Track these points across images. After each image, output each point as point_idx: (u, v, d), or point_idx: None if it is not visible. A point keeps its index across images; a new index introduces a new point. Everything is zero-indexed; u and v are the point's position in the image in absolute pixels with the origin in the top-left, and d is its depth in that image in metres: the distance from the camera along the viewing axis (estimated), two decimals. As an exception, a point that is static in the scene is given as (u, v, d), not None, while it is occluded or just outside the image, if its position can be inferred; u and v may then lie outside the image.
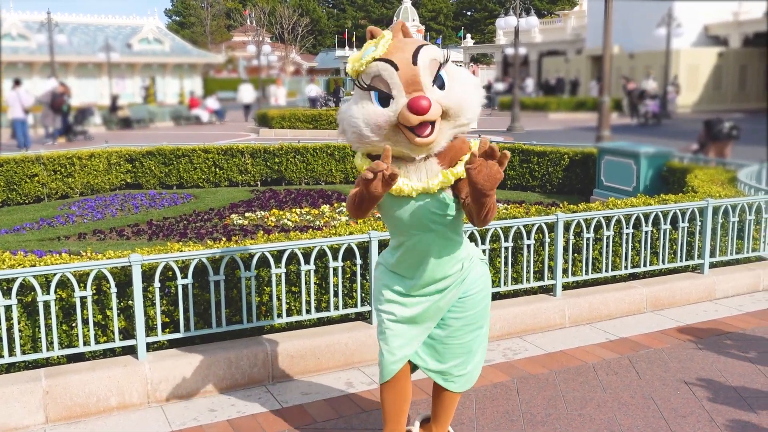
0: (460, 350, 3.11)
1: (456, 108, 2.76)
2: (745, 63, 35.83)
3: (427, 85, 2.75)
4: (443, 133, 2.79)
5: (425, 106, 2.64)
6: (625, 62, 37.28)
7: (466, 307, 3.09)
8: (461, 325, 3.09)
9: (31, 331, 3.94)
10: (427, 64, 2.76)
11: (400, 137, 2.76)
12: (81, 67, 41.73)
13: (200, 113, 31.50)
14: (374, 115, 2.74)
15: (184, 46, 47.89)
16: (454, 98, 2.76)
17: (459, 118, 2.79)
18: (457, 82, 2.80)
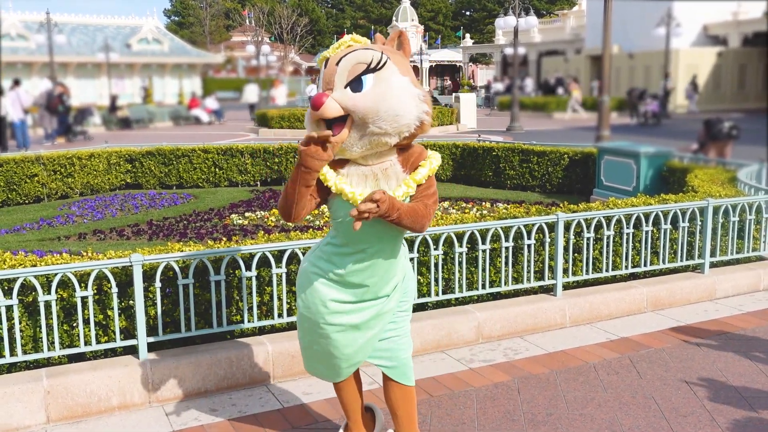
0: (406, 341, 3.14)
1: (360, 113, 2.71)
2: (745, 62, 35.87)
3: (338, 85, 2.76)
4: (353, 137, 2.76)
5: (320, 102, 2.69)
6: (624, 62, 37.31)
7: (407, 299, 3.15)
8: (405, 316, 3.15)
9: (32, 331, 3.94)
10: (349, 67, 2.76)
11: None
12: (80, 68, 41.72)
13: (200, 114, 31.50)
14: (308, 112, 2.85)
15: (183, 47, 47.89)
16: (360, 103, 2.71)
17: (366, 124, 2.72)
18: (383, 90, 2.73)
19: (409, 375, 3.14)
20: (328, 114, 2.71)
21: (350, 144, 2.77)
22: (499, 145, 11.81)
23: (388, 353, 3.10)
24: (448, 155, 12.29)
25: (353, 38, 2.89)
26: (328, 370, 3.14)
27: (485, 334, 4.96)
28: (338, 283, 2.97)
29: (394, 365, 3.11)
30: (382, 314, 3.04)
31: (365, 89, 2.73)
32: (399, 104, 2.73)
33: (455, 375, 4.40)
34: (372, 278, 2.96)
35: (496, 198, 10.31)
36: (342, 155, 2.83)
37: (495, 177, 11.48)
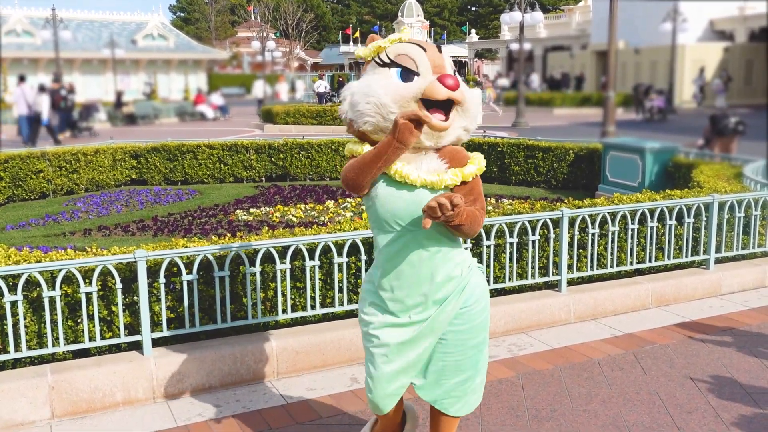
0: (459, 369, 2.86)
1: (470, 103, 2.73)
2: (751, 58, 35.70)
3: (450, 71, 2.77)
4: (455, 124, 2.72)
5: (455, 84, 2.62)
6: (630, 57, 37.19)
7: (466, 320, 2.83)
8: (462, 340, 2.84)
9: (36, 326, 3.95)
10: (449, 59, 2.82)
11: None
12: (86, 64, 41.79)
13: (205, 110, 31.53)
14: (399, 86, 2.68)
15: (189, 42, 47.93)
16: (468, 94, 2.75)
17: (468, 115, 2.75)
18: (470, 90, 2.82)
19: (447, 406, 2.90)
20: (459, 97, 2.65)
21: (448, 132, 2.72)
22: (504, 140, 11.79)
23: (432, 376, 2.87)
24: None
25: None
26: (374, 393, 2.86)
27: (490, 330, 4.94)
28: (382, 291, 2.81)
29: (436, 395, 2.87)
30: (434, 325, 2.80)
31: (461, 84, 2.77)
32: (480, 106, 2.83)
33: (459, 371, 4.39)
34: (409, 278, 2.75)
35: (501, 194, 10.30)
36: (435, 142, 2.72)
37: (500, 173, 11.47)
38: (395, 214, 2.71)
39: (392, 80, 2.71)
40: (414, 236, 2.72)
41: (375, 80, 2.73)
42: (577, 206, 5.49)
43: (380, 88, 2.68)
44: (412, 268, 2.75)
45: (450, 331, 2.83)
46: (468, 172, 2.74)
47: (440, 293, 2.78)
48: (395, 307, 2.80)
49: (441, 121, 2.65)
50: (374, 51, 2.80)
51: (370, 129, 2.73)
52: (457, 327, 2.83)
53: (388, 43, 2.80)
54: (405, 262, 2.74)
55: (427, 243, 2.73)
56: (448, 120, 2.67)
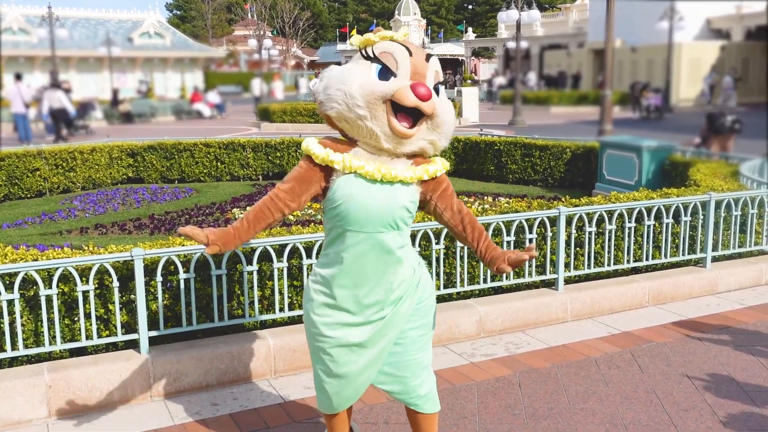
0: (420, 365, 2.88)
1: (441, 118, 2.73)
2: (748, 56, 35.75)
3: (430, 82, 2.75)
4: (420, 135, 2.72)
5: (426, 93, 2.62)
6: (627, 56, 37.21)
7: (420, 316, 2.88)
8: (419, 336, 2.87)
9: (33, 325, 3.95)
10: (436, 69, 2.80)
11: (381, 116, 2.67)
12: (82, 62, 41.71)
13: (202, 108, 31.50)
14: (372, 82, 2.68)
15: (185, 41, 47.86)
16: (444, 109, 2.75)
17: (438, 130, 2.74)
18: (449, 105, 2.82)
19: (418, 403, 2.89)
20: (427, 109, 2.65)
21: (411, 141, 2.72)
22: (501, 139, 11.79)
23: (396, 377, 2.87)
24: (450, 149, 12.27)
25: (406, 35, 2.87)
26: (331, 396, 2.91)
27: (487, 328, 4.95)
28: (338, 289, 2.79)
29: (400, 390, 2.88)
30: (390, 325, 2.81)
31: (441, 98, 2.77)
32: (453, 124, 2.85)
33: (457, 369, 4.40)
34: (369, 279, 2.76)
35: (498, 192, 10.30)
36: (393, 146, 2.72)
37: (497, 171, 11.47)
38: (371, 217, 2.71)
39: (370, 75, 2.71)
40: (382, 237, 2.74)
41: (353, 70, 2.74)
42: (575, 204, 5.50)
43: (354, 80, 2.69)
44: (375, 268, 2.76)
45: (408, 329, 2.86)
46: (432, 169, 2.81)
47: (396, 293, 2.81)
48: (352, 306, 2.79)
49: (404, 128, 2.67)
50: (363, 42, 2.81)
51: (335, 115, 2.75)
52: (413, 324, 2.87)
53: (377, 38, 2.80)
54: (370, 262, 2.75)
55: (391, 244, 2.76)
56: (413, 128, 2.69)
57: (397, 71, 2.71)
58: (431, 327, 2.95)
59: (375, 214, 2.71)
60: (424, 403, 2.91)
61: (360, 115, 2.68)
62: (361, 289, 2.78)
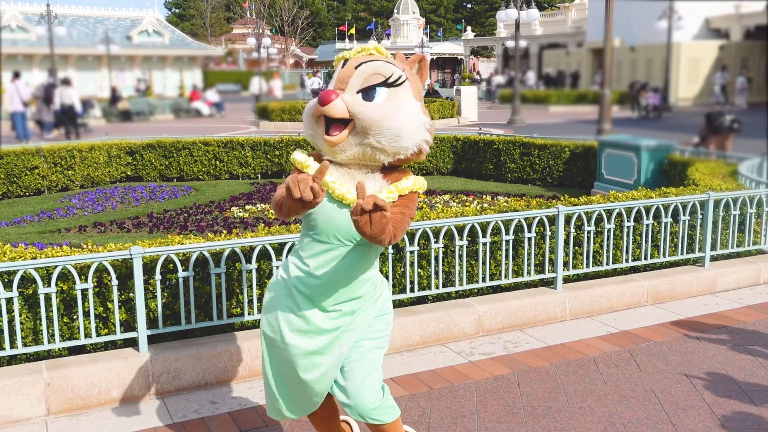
0: (366, 377, 2.81)
1: (365, 121, 2.65)
2: (746, 56, 35.77)
3: (351, 88, 2.71)
4: (349, 142, 2.69)
5: (328, 99, 2.62)
6: (626, 55, 37.22)
7: (380, 328, 2.89)
8: (373, 347, 2.86)
9: (32, 323, 3.94)
10: (366, 74, 2.72)
11: (320, 130, 2.73)
12: (80, 60, 41.66)
13: (201, 106, 31.49)
14: (311, 103, 2.77)
15: (184, 39, 47.82)
16: (367, 112, 2.66)
17: (367, 135, 2.67)
18: (393, 107, 2.70)
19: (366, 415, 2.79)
20: (333, 112, 2.63)
21: (343, 148, 2.70)
22: (500, 138, 11.79)
23: (345, 389, 2.82)
24: (449, 148, 12.27)
25: (377, 48, 2.84)
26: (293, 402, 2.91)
27: (485, 327, 4.96)
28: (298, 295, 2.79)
29: (348, 402, 2.81)
30: (344, 334, 2.81)
31: (376, 100, 2.70)
32: (403, 126, 2.68)
33: (455, 368, 4.40)
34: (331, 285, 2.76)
35: (497, 191, 10.30)
36: (332, 157, 2.75)
37: (496, 170, 11.47)
38: (337, 229, 2.73)
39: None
40: (346, 249, 2.75)
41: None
42: (573, 203, 5.50)
43: (308, 107, 2.79)
44: (340, 277, 2.76)
45: (365, 339, 2.85)
46: (402, 186, 2.74)
47: (355, 305, 2.82)
48: (310, 312, 2.78)
49: (329, 137, 2.67)
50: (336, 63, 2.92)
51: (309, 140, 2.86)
52: (371, 335, 2.87)
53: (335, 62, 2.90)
54: (332, 273, 2.76)
55: (358, 257, 2.77)
56: (338, 135, 2.67)
57: (329, 85, 2.80)
58: (386, 342, 2.93)
59: (340, 227, 2.72)
60: (377, 415, 2.82)
61: (311, 134, 2.78)
62: (321, 297, 2.78)
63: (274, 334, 2.83)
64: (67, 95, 21.19)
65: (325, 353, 2.80)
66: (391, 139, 2.68)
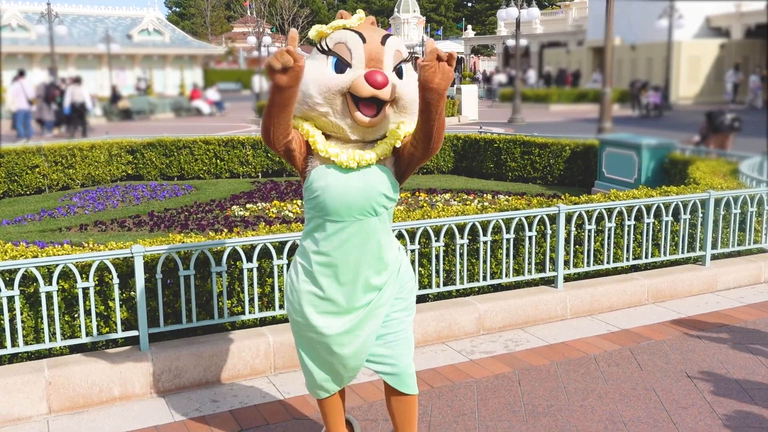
0: (408, 346, 2.93)
1: (407, 100, 2.69)
2: (747, 54, 35.73)
3: (388, 66, 2.69)
4: (387, 121, 2.71)
5: (381, 81, 2.58)
6: (626, 54, 37.20)
7: (406, 297, 2.95)
8: (404, 317, 2.93)
9: (33, 321, 3.95)
10: (393, 50, 2.72)
11: (343, 109, 2.67)
12: (81, 59, 41.65)
13: (201, 105, 31.48)
14: (327, 78, 2.67)
15: (184, 38, 47.80)
16: (409, 91, 2.70)
17: (405, 112, 2.71)
18: (413, 82, 2.72)
19: (410, 383, 2.93)
20: (385, 95, 2.61)
21: (378, 128, 2.70)
22: (500, 136, 11.79)
23: (388, 359, 2.90)
24: (449, 147, 12.27)
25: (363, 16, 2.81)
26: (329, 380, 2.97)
27: (486, 325, 4.96)
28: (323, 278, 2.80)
29: (394, 372, 2.90)
30: (375, 310, 2.84)
31: (405, 78, 2.70)
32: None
33: (456, 366, 4.41)
34: (353, 263, 2.77)
35: (498, 190, 10.30)
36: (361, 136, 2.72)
37: (496, 169, 11.47)
38: (349, 204, 2.72)
39: (326, 69, 2.69)
40: (362, 224, 2.75)
41: (310, 67, 2.72)
42: (574, 202, 5.50)
43: (310, 77, 2.68)
44: (357, 255, 2.77)
45: (393, 312, 2.90)
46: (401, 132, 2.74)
47: (381, 278, 2.84)
48: (337, 295, 2.80)
49: (368, 118, 2.64)
50: (318, 35, 2.79)
51: (300, 115, 2.78)
52: (398, 307, 2.91)
53: (330, 29, 2.77)
54: (351, 250, 2.76)
55: (373, 230, 2.77)
56: (377, 117, 2.65)
57: (352, 61, 2.68)
58: (413, 309, 3.01)
59: (353, 202, 2.72)
60: (413, 382, 2.95)
61: (322, 113, 2.70)
62: (344, 277, 2.79)
63: (300, 318, 2.86)
64: (79, 93, 21.75)
65: (356, 331, 2.83)
66: (416, 115, 2.70)
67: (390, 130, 2.78)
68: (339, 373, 2.95)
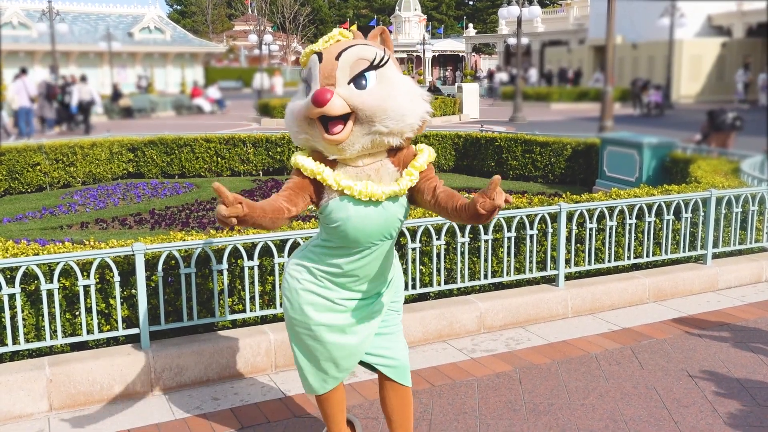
0: (402, 338, 3.07)
1: (368, 110, 2.62)
2: (749, 53, 35.70)
3: (341, 80, 2.64)
4: (356, 135, 2.66)
5: (324, 99, 2.55)
6: (627, 52, 37.17)
7: (398, 296, 3.09)
8: (397, 314, 3.09)
9: (34, 319, 3.95)
10: (350, 62, 2.66)
11: (316, 134, 2.69)
12: (82, 57, 41.66)
13: (202, 103, 31.48)
14: (295, 107, 2.72)
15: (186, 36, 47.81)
16: (368, 100, 2.62)
17: (373, 123, 2.64)
18: (388, 88, 2.66)
19: (407, 375, 3.04)
20: (333, 111, 2.58)
21: (351, 143, 2.66)
22: (501, 135, 11.78)
23: (388, 351, 3.00)
24: (450, 145, 12.27)
25: (341, 33, 2.78)
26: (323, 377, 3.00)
27: (487, 324, 4.96)
28: (328, 282, 2.86)
29: (394, 364, 3.00)
30: (373, 312, 2.95)
31: (370, 86, 2.65)
32: (404, 103, 2.67)
33: (457, 364, 4.41)
34: (367, 278, 2.88)
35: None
36: (339, 155, 2.71)
37: (497, 167, 11.46)
38: (369, 235, 2.78)
39: (298, 98, 2.76)
40: (376, 248, 2.84)
41: (295, 99, 2.78)
42: (575, 201, 5.50)
43: (289, 108, 2.77)
44: (371, 271, 2.88)
45: (390, 311, 3.04)
46: (419, 164, 2.78)
47: (383, 286, 2.99)
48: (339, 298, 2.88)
49: (332, 135, 2.64)
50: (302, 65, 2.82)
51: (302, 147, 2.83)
52: (394, 307, 3.07)
53: (305, 57, 2.79)
54: (366, 267, 2.85)
55: (385, 249, 2.88)
56: (341, 133, 2.63)
57: (312, 84, 2.70)
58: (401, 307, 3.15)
59: (372, 232, 2.78)
60: (409, 375, 3.07)
61: (304, 140, 2.74)
62: (352, 286, 2.89)
63: (298, 316, 2.90)
64: (87, 91, 22.53)
65: (353, 328, 2.91)
66: (398, 120, 2.66)
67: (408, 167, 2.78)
68: (331, 371, 2.98)
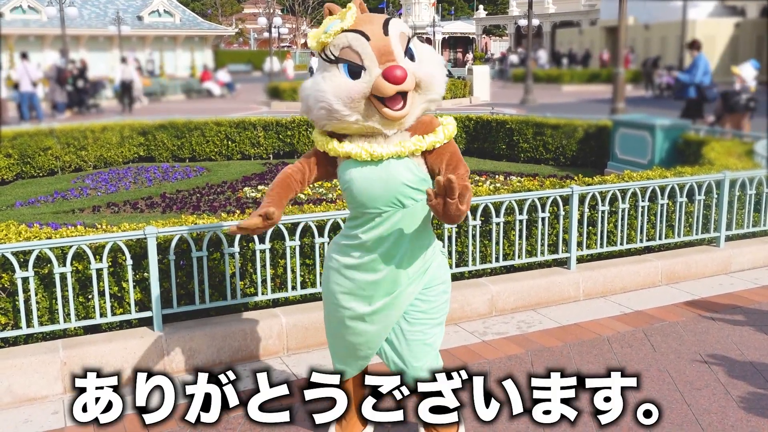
0: (422, 347, 2.88)
1: (428, 81, 2.70)
2: (762, 34, 35.29)
3: (400, 55, 2.68)
4: (415, 107, 2.72)
5: (401, 76, 2.58)
6: (640, 33, 36.82)
7: (429, 299, 2.92)
8: (425, 319, 2.90)
9: (48, 302, 3.97)
10: (398, 36, 2.70)
11: (371, 111, 2.67)
12: (92, 40, 41.65)
13: (212, 86, 31.44)
14: (346, 87, 2.65)
15: (195, 19, 47.68)
16: (425, 71, 2.71)
17: (429, 91, 2.73)
18: (429, 57, 2.77)
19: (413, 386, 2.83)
20: (409, 86, 2.63)
21: (411, 115, 2.74)
22: (512, 117, 11.72)
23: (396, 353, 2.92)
24: (461, 128, 12.21)
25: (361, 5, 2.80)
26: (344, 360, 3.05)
27: (499, 306, 4.95)
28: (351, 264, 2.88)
29: (400, 369, 2.89)
30: (395, 304, 2.87)
31: (418, 57, 2.73)
32: (442, 70, 2.79)
33: (469, 347, 4.41)
34: (384, 255, 2.81)
35: (510, 171, 10.25)
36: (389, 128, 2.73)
37: (508, 150, 11.41)
38: (374, 198, 2.77)
39: (340, 79, 2.68)
40: (386, 216, 2.79)
41: (325, 80, 2.71)
42: (587, 183, 5.47)
43: (329, 90, 2.68)
44: (386, 247, 2.82)
45: (414, 311, 2.91)
46: (430, 140, 2.77)
47: (410, 273, 2.87)
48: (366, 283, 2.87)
49: (396, 111, 2.65)
50: (319, 46, 2.75)
51: (330, 130, 2.82)
52: (421, 306, 2.91)
53: (330, 37, 2.71)
54: (381, 242, 2.81)
55: (405, 222, 2.80)
56: (404, 107, 2.67)
57: (364, 62, 2.66)
58: (441, 312, 2.96)
59: (375, 194, 2.77)
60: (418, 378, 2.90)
61: (353, 121, 2.71)
62: (375, 265, 2.85)
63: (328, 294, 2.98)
64: (128, 72, 23.50)
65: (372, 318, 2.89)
66: (443, 86, 2.77)
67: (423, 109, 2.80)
68: (351, 356, 3.03)
